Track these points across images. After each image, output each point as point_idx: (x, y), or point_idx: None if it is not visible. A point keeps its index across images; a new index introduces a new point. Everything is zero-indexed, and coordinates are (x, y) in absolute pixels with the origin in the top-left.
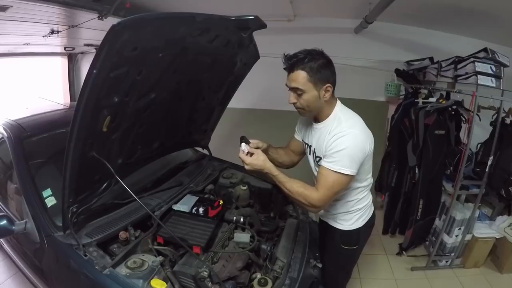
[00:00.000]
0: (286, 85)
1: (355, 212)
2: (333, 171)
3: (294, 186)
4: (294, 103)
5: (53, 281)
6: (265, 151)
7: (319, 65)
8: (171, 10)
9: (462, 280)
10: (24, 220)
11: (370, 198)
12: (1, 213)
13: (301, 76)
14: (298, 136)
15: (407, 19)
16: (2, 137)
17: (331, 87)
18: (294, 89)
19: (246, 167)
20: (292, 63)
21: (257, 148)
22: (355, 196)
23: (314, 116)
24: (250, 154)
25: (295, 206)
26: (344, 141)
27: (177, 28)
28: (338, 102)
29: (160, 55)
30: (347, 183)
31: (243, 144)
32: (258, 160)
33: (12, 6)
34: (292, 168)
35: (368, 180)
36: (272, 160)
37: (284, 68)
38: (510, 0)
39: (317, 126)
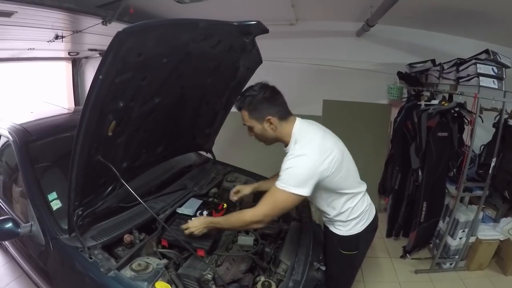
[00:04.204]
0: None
1: (352, 221)
2: (277, 188)
3: (233, 216)
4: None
5: (58, 283)
6: (257, 188)
7: (256, 102)
8: (174, 16)
9: (467, 283)
10: (30, 223)
11: (365, 204)
12: (7, 216)
13: (244, 115)
14: None
15: (408, 21)
16: (8, 141)
17: (272, 119)
18: (246, 125)
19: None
20: (237, 105)
21: (238, 192)
22: (347, 205)
23: (280, 142)
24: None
25: (298, 209)
26: (291, 162)
27: (181, 34)
28: (297, 122)
29: (164, 61)
30: (293, 201)
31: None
32: (194, 224)
33: (17, 12)
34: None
35: (354, 188)
36: None
37: None
38: (510, 1)
39: (285, 150)
